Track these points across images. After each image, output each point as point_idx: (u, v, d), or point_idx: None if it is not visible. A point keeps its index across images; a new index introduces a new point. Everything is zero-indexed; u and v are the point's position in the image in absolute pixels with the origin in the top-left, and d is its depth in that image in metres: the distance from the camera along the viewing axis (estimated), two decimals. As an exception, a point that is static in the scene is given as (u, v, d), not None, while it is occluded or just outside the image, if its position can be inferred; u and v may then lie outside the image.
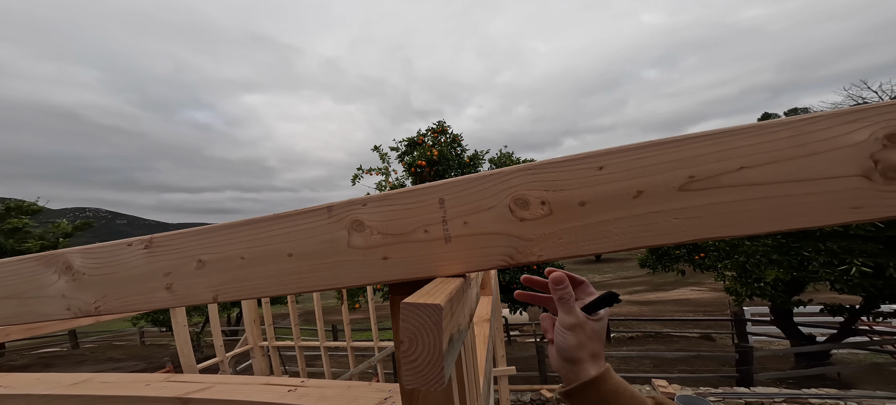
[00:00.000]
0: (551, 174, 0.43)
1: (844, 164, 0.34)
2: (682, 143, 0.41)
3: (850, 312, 5.45)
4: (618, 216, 0.42)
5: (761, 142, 0.38)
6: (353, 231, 0.41)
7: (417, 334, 0.24)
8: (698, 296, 13.93)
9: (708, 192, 0.39)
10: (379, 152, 6.90)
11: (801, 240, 4.87)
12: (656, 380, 5.48)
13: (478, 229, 0.42)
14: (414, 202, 0.41)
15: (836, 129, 0.35)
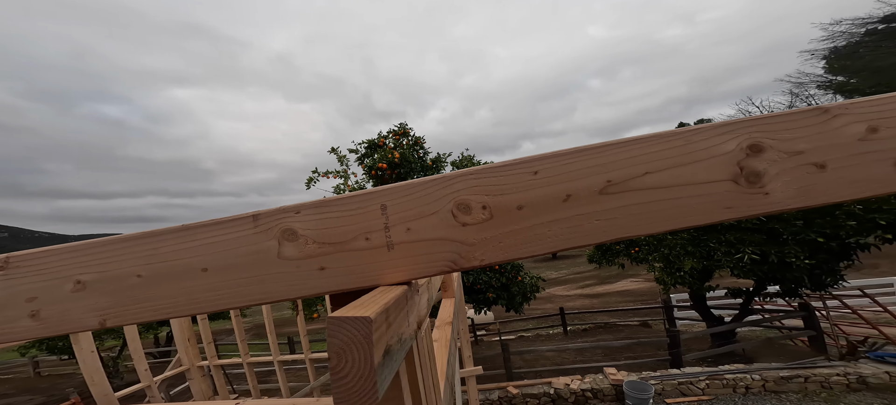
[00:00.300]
0: (492, 179, 0.46)
1: (719, 170, 0.41)
2: (601, 150, 0.46)
3: (746, 294, 6.57)
4: (551, 219, 0.45)
5: (659, 150, 0.44)
6: (285, 241, 0.39)
7: (346, 349, 0.24)
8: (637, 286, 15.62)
9: (621, 196, 0.44)
10: (336, 154, 6.60)
11: (707, 233, 5.78)
12: (607, 368, 6.01)
13: (421, 235, 0.42)
14: (354, 209, 0.40)
15: (713, 139, 0.43)
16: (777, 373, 5.13)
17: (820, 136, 0.39)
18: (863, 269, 10.24)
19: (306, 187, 6.28)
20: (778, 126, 0.40)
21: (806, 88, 27.34)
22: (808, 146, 0.39)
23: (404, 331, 0.38)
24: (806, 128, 0.40)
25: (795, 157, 0.39)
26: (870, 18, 24.39)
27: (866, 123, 0.39)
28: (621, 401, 5.28)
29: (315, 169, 6.40)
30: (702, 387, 5.28)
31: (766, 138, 0.40)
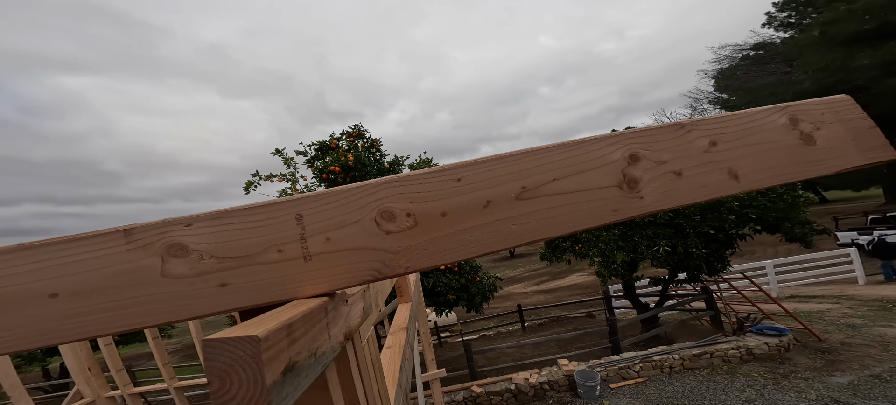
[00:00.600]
0: (416, 186, 0.47)
1: (608, 177, 0.48)
2: (517, 158, 0.50)
3: (663, 282, 7.61)
4: (473, 224, 0.47)
5: (565, 158, 0.49)
6: (171, 257, 0.35)
7: (230, 372, 0.22)
8: (583, 280, 17.06)
9: (534, 201, 0.48)
10: (282, 156, 6.08)
11: (633, 229, 6.60)
12: (560, 359, 6.43)
13: (343, 245, 0.41)
14: (263, 219, 0.38)
15: (604, 149, 0.49)
16: (690, 352, 5.98)
17: (678, 148, 0.47)
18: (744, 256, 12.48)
19: (245, 192, 5.68)
20: (649, 138, 0.48)
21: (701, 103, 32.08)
22: (670, 156, 0.47)
23: (321, 344, 0.37)
24: (668, 140, 0.48)
25: (662, 166, 0.47)
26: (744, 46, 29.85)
27: (709, 138, 0.48)
28: (574, 390, 5.70)
29: (255, 171, 5.78)
30: (637, 370, 5.93)
31: (642, 149, 0.48)
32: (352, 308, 0.53)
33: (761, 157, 0.47)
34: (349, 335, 0.52)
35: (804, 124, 0.48)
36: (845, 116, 0.49)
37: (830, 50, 16.38)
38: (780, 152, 0.47)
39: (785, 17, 23.08)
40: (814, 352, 5.81)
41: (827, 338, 6.23)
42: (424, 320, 4.03)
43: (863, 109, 0.50)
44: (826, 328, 6.63)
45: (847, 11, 15.37)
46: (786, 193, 6.08)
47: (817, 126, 0.48)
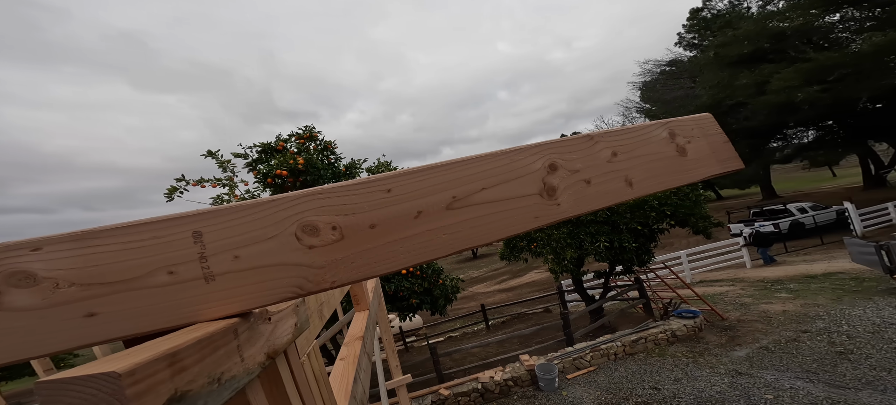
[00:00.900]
0: (343, 199, 0.45)
1: (530, 185, 0.51)
2: (448, 168, 0.51)
3: (605, 275, 8.41)
4: (404, 235, 0.47)
5: (492, 167, 0.51)
6: (12, 288, 0.29)
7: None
8: (541, 277, 18.05)
9: (464, 210, 0.49)
10: (216, 159, 5.35)
11: (579, 227, 7.23)
12: (522, 355, 6.70)
13: (256, 262, 0.38)
14: (145, 239, 0.33)
15: (528, 158, 0.52)
16: (629, 338, 6.62)
17: (587, 158, 0.53)
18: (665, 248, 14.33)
19: (167, 199, 4.90)
20: (564, 149, 0.53)
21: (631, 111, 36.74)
22: (582, 166, 0.52)
23: (230, 368, 0.34)
24: (580, 151, 0.53)
25: (575, 174, 0.52)
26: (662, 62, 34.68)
27: (611, 149, 0.54)
28: (536, 384, 5.96)
29: (181, 176, 4.98)
30: (589, 359, 6.40)
31: (558, 159, 0.52)
32: (277, 326, 0.50)
33: (649, 166, 0.54)
34: (274, 354, 0.48)
35: (679, 138, 0.56)
36: (708, 132, 0.59)
37: (721, 69, 19.77)
38: (663, 162, 0.55)
39: (691, 38, 27.28)
40: (719, 330, 6.79)
41: (727, 316, 7.33)
42: (387, 327, 3.94)
43: (720, 126, 0.60)
44: (726, 308, 7.81)
45: (732, 37, 18.63)
46: (691, 192, 7.26)
47: (688, 140, 0.57)
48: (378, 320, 3.65)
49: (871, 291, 6.83)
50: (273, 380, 0.54)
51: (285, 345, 0.53)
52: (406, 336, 11.52)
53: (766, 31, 17.20)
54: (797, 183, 32.35)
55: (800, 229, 13.46)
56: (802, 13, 16.27)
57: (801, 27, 16.49)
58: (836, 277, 8.11)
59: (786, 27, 16.75)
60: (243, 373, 0.38)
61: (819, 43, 17.15)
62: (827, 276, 8.31)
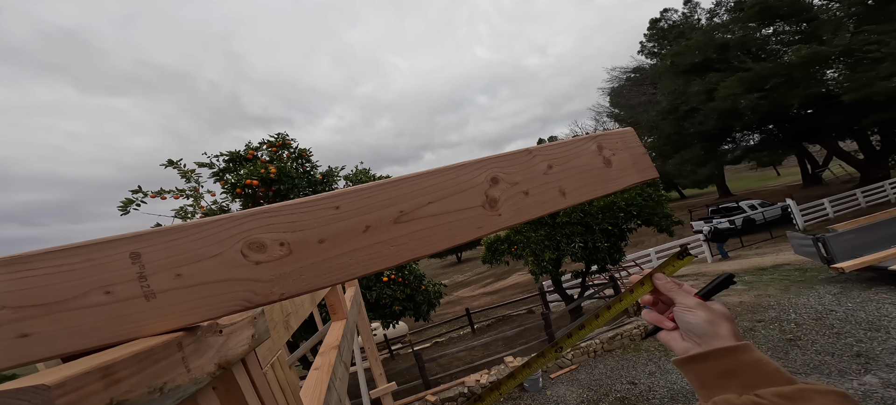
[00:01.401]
0: (291, 216, 0.48)
1: (474, 198, 0.55)
2: (395, 184, 0.55)
3: (582, 275, 8.73)
4: (352, 248, 0.50)
5: (439, 182, 0.56)
6: None
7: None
8: (523, 278, 18.38)
9: (411, 223, 0.53)
10: (178, 168, 5.02)
11: (555, 229, 7.51)
12: (506, 357, 6.78)
13: (199, 279, 0.40)
14: (78, 263, 0.34)
15: (472, 173, 0.57)
16: (606, 335, 6.86)
17: (526, 171, 0.58)
18: (636, 246, 15.12)
19: (122, 212, 4.54)
20: (505, 163, 0.58)
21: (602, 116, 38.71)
22: (521, 178, 0.57)
23: (173, 378, 0.36)
24: (519, 165, 0.58)
25: (514, 187, 0.57)
26: (627, 68, 36.97)
27: (548, 162, 0.59)
28: (521, 385, 6.04)
29: (138, 187, 4.63)
30: (570, 358, 6.57)
31: (499, 172, 0.57)
32: (230, 337, 0.52)
33: (580, 177, 0.60)
34: (226, 364, 0.50)
35: (606, 151, 0.63)
36: (630, 145, 0.66)
37: (677, 77, 21.39)
38: (592, 173, 0.61)
39: (652, 47, 29.21)
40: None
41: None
42: (368, 336, 3.89)
43: (640, 140, 0.68)
44: None
45: (685, 47, 20.20)
46: (653, 193, 7.76)
47: (614, 152, 0.64)
48: (359, 329, 3.60)
49: (813, 280, 7.43)
50: (229, 387, 0.55)
51: (240, 356, 0.55)
52: (391, 344, 11.36)
53: (713, 41, 18.80)
54: (747, 182, 34.86)
55: (751, 225, 14.55)
56: (742, 26, 17.91)
57: (741, 39, 18.15)
58: (783, 269, 8.75)
59: (729, 39, 18.36)
60: (190, 382, 0.40)
61: (757, 54, 18.82)
62: (776, 268, 8.95)
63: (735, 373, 0.42)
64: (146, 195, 4.69)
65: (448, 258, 40.20)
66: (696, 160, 21.42)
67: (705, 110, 18.77)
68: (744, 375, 0.42)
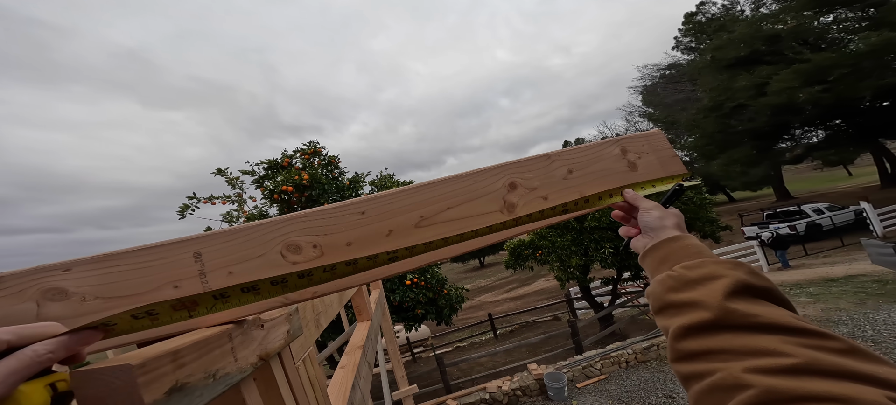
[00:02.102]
0: (322, 221, 0.53)
1: (492, 203, 0.57)
2: (416, 191, 0.58)
3: (613, 282, 8.27)
4: (377, 251, 0.54)
5: (457, 189, 0.58)
6: (48, 301, 0.37)
7: (105, 398, 0.26)
8: (548, 284, 17.81)
9: (431, 228, 0.56)
10: (226, 176, 5.64)
11: (583, 234, 7.17)
12: (530, 364, 6.61)
13: (246, 277, 0.46)
14: (153, 260, 0.40)
15: (489, 179, 0.59)
16: (641, 345, 6.47)
17: (544, 176, 0.59)
18: None
19: (180, 216, 5.12)
20: (522, 169, 0.59)
21: (633, 116, 36.30)
22: (539, 183, 0.58)
23: (224, 366, 0.41)
24: (538, 170, 0.59)
25: (533, 192, 0.58)
26: (661, 66, 34.54)
27: (567, 167, 0.60)
28: (545, 394, 5.86)
29: (193, 194, 5.25)
30: (599, 367, 6.27)
31: (518, 178, 0.58)
32: (270, 332, 0.57)
33: (602, 181, 0.60)
34: (266, 357, 0.55)
35: (630, 154, 0.62)
36: (658, 147, 0.64)
37: (719, 72, 19.61)
38: (615, 177, 0.60)
39: (688, 42, 27.20)
40: None
41: None
42: (391, 338, 3.97)
43: (668, 142, 0.66)
44: None
45: (727, 40, 18.54)
46: (694, 196, 7.12)
47: (639, 155, 0.62)
48: (382, 331, 3.69)
49: (895, 294, 6.56)
50: (267, 379, 0.61)
51: (278, 349, 0.60)
52: (413, 347, 11.47)
53: (761, 33, 17.23)
54: (811, 183, 31.41)
55: (817, 231, 13.00)
56: (795, 15, 16.28)
57: (795, 29, 16.49)
58: (857, 280, 7.80)
59: (780, 29, 16.78)
60: (236, 371, 0.45)
61: (815, 43, 16.99)
62: (848, 279, 7.99)
63: (667, 258, 0.47)
64: (199, 201, 5.31)
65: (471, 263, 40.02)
66: (747, 160, 19.55)
67: (755, 106, 17.24)
68: (673, 259, 0.47)
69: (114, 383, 0.27)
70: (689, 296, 0.40)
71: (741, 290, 0.37)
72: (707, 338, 0.36)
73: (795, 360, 0.30)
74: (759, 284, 0.38)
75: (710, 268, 0.41)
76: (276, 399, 0.62)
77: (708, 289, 0.38)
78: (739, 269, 0.40)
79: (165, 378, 0.31)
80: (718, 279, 0.39)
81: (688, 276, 0.41)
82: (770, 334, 0.34)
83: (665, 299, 0.43)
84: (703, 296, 0.38)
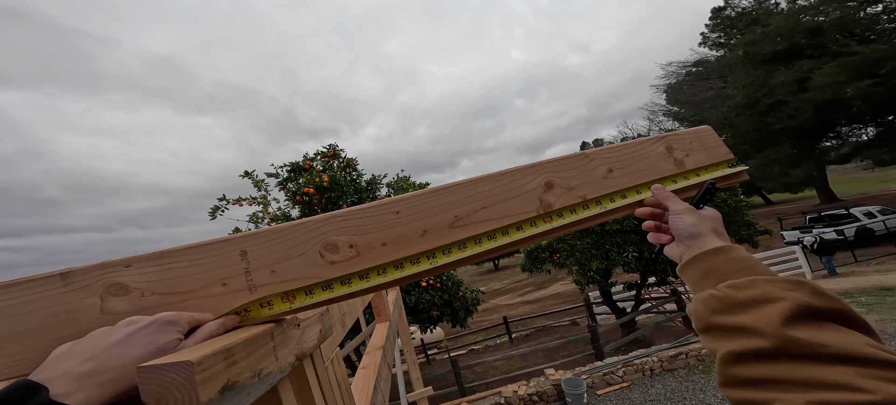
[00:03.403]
0: (358, 220, 0.52)
1: (528, 203, 0.55)
2: (450, 190, 0.57)
3: (636, 287, 7.93)
4: (411, 252, 0.53)
5: (491, 188, 0.56)
6: (111, 296, 0.38)
7: (166, 394, 0.27)
8: (566, 288, 17.35)
9: (465, 228, 0.55)
10: (252, 179, 5.94)
11: (604, 237, 6.91)
12: (547, 369, 6.46)
13: (287, 276, 0.46)
14: (205, 257, 0.42)
15: (525, 178, 0.57)
16: (667, 353, 6.17)
17: (583, 175, 0.56)
18: None
19: (210, 217, 5.45)
20: (560, 167, 0.57)
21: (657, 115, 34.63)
22: (577, 183, 0.56)
23: (267, 365, 0.41)
24: (576, 169, 0.57)
25: (571, 192, 0.55)
26: (687, 63, 32.86)
27: (607, 166, 0.57)
28: (563, 400, 5.70)
29: (222, 195, 5.58)
30: (620, 374, 6.04)
31: (554, 177, 0.56)
32: (305, 331, 0.57)
33: (645, 180, 0.57)
34: (302, 356, 0.55)
35: (677, 152, 0.58)
36: (707, 144, 0.60)
37: (754, 68, 18.36)
38: (659, 175, 0.57)
39: (716, 38, 25.76)
40: None
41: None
42: (407, 339, 3.98)
43: (719, 137, 0.61)
44: None
45: (762, 34, 17.43)
46: (729, 198, 6.67)
47: (687, 152, 0.59)
48: (399, 332, 3.71)
49: None
50: (300, 380, 0.61)
51: (311, 349, 0.60)
52: (428, 348, 11.47)
53: (800, 26, 16.17)
54: (861, 184, 29.04)
55: (868, 236, 11.91)
56: (839, 6, 15.12)
57: (839, 20, 15.31)
58: None
59: (822, 21, 15.63)
60: (277, 370, 0.45)
61: (863, 35, 15.74)
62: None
63: (710, 273, 0.44)
64: (228, 202, 5.64)
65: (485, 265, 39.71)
66: (787, 160, 18.23)
67: (796, 103, 16.20)
68: (717, 275, 0.43)
69: (175, 379, 0.27)
70: (739, 320, 0.36)
71: (803, 314, 0.33)
72: (764, 366, 0.33)
73: (872, 397, 0.27)
74: (827, 307, 0.34)
75: (762, 289, 0.37)
76: (308, 400, 0.62)
77: (762, 313, 0.35)
78: (800, 290, 0.35)
79: (219, 376, 0.31)
80: (774, 302, 0.35)
81: (736, 298, 0.38)
82: (841, 365, 0.30)
83: (710, 321, 0.39)
84: (756, 322, 0.35)
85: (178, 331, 0.35)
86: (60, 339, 0.37)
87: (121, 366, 0.31)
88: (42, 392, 0.27)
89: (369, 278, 0.50)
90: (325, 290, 0.47)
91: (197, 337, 0.36)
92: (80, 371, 0.29)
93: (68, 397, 0.28)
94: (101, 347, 0.32)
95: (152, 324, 0.34)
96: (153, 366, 0.26)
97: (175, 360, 0.27)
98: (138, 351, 0.32)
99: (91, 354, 0.31)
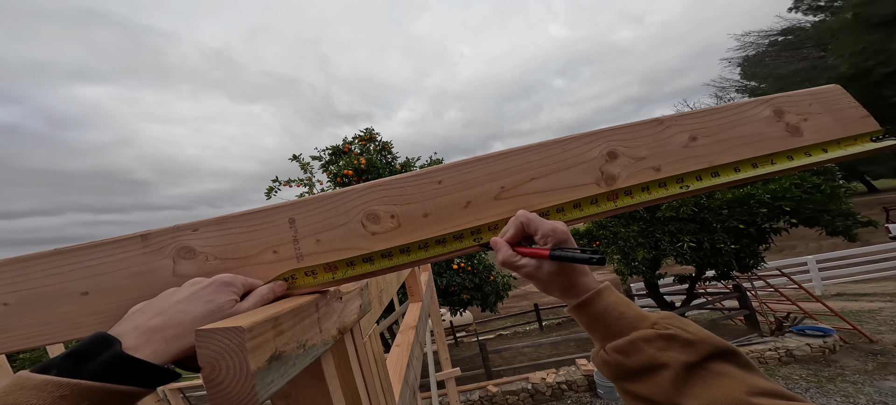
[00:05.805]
0: (399, 189, 0.50)
1: (585, 175, 0.49)
2: (496, 159, 0.52)
3: (689, 280, 7.24)
4: (453, 225, 0.50)
5: (542, 157, 0.50)
6: (181, 259, 0.40)
7: (219, 358, 0.26)
8: (603, 278, 16.53)
9: (512, 200, 0.50)
10: (299, 162, 6.59)
11: (654, 225, 6.30)
12: (579, 359, 6.30)
13: (331, 246, 0.45)
14: (259, 223, 0.42)
15: (582, 147, 0.50)
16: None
17: (656, 144, 0.48)
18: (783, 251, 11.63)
19: (267, 197, 6.16)
20: (627, 135, 0.49)
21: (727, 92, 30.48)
22: (648, 152, 0.48)
23: (311, 337, 0.41)
24: (647, 137, 0.48)
25: (640, 162, 0.48)
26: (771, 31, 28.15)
27: (688, 133, 0.48)
28: (594, 391, 5.56)
29: (275, 178, 6.26)
30: (660, 367, 5.70)
31: (620, 146, 0.49)
32: (347, 305, 0.57)
33: (743, 150, 0.47)
34: (343, 330, 0.55)
35: (790, 116, 0.47)
36: (835, 106, 0.48)
37: (866, 32, 15.16)
38: (763, 145, 0.47)
39: (813, 1, 21.53)
40: (864, 354, 5.34)
41: (879, 339, 5.71)
42: (438, 320, 4.07)
43: (853, 98, 0.49)
44: (878, 328, 6.08)
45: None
46: (823, 184, 5.53)
47: (804, 117, 0.47)
48: (430, 313, 3.79)
49: None
50: (341, 354, 0.61)
51: (352, 324, 0.60)
52: (456, 331, 11.73)
53: None
54: None
55: None
56: None
57: None
58: None
59: None
60: (321, 343, 0.45)
61: None
62: None
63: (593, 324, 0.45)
64: (280, 184, 6.36)
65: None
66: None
67: None
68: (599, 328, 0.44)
69: (228, 345, 0.26)
70: (638, 389, 0.39)
71: (684, 374, 0.37)
72: None
73: None
74: (701, 355, 0.37)
75: (647, 355, 0.39)
76: (347, 374, 0.63)
77: (655, 385, 0.38)
78: (673, 349, 0.38)
79: (267, 345, 0.30)
80: (660, 370, 0.38)
81: (626, 366, 0.40)
82: None
83: (615, 383, 0.43)
84: (653, 394, 0.38)
85: (234, 292, 0.37)
86: (139, 299, 0.40)
87: (184, 323, 0.33)
88: (115, 345, 0.29)
89: (411, 252, 0.47)
90: (365, 262, 0.46)
91: (251, 300, 0.38)
92: (149, 325, 0.32)
93: (137, 350, 0.30)
94: (169, 304, 0.34)
95: (212, 284, 0.36)
96: (209, 331, 0.26)
97: (228, 325, 0.26)
98: (200, 308, 0.34)
99: (160, 310, 0.33)
